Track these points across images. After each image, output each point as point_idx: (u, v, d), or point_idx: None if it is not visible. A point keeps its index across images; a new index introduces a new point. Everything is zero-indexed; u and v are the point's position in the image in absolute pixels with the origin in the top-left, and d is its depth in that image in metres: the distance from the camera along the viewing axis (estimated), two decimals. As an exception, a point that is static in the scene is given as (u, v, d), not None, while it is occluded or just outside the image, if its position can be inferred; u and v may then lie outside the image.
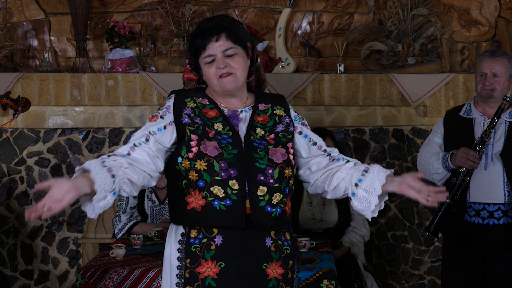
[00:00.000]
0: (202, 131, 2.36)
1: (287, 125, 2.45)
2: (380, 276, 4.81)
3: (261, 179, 2.33)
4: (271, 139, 2.39)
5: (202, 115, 2.40)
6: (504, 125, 3.55)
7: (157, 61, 4.84)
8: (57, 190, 2.15)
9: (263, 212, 2.33)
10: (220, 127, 2.38)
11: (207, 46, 2.38)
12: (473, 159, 3.44)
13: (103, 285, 3.46)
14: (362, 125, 4.81)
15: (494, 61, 3.54)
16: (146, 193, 4.04)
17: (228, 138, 2.36)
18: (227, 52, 2.38)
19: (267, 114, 2.45)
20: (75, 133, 4.72)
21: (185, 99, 2.44)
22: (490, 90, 3.53)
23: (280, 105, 2.51)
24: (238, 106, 2.45)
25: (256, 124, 2.41)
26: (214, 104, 2.43)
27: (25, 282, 4.76)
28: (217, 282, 2.32)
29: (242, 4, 4.95)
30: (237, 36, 2.39)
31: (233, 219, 2.29)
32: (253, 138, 2.38)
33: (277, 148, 2.37)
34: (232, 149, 2.34)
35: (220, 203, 2.30)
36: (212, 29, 2.38)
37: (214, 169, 2.30)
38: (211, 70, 2.38)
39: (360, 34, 4.90)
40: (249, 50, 2.44)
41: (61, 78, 4.60)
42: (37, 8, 4.88)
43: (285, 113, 2.49)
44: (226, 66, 2.36)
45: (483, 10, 5.01)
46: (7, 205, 4.72)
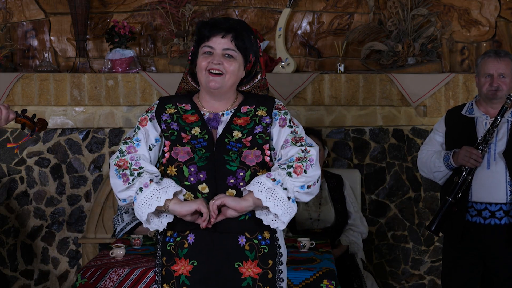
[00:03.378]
0: (176, 136, 2.38)
1: (266, 126, 2.42)
2: (380, 276, 4.81)
3: (231, 181, 2.32)
4: (248, 141, 2.38)
5: (181, 120, 2.42)
6: (507, 124, 3.55)
7: (157, 61, 4.84)
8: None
9: (232, 217, 2.32)
10: (198, 131, 2.39)
11: (211, 38, 2.40)
12: (476, 158, 3.43)
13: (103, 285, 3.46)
14: (362, 125, 4.81)
15: (500, 62, 3.54)
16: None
17: (204, 141, 2.37)
18: (226, 52, 2.39)
19: (248, 116, 2.44)
20: (75, 133, 4.72)
21: (166, 105, 2.47)
22: (497, 91, 3.53)
23: (264, 105, 2.47)
24: (221, 109, 2.46)
25: (234, 126, 2.41)
26: (196, 109, 2.44)
27: (25, 282, 4.76)
28: (190, 280, 2.35)
29: (242, 4, 4.95)
30: (243, 43, 2.41)
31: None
32: (227, 140, 2.37)
33: (251, 150, 2.36)
34: (205, 152, 2.35)
35: None
36: (223, 26, 2.40)
37: (184, 174, 2.32)
38: (204, 62, 2.39)
39: (360, 34, 4.90)
40: (249, 63, 2.45)
41: (61, 78, 4.60)
42: (37, 8, 4.88)
43: (267, 113, 2.46)
44: (220, 63, 2.37)
45: (483, 10, 5.01)
46: (7, 205, 4.72)
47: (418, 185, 4.85)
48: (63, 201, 4.74)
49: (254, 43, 2.45)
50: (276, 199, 2.24)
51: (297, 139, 2.39)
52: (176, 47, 4.73)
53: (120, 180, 2.36)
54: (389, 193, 4.85)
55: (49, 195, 4.73)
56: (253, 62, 2.47)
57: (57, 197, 4.73)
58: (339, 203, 4.16)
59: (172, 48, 4.74)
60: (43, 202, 4.73)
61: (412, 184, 4.85)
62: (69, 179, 4.73)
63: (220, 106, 2.46)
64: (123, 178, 2.35)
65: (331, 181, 4.22)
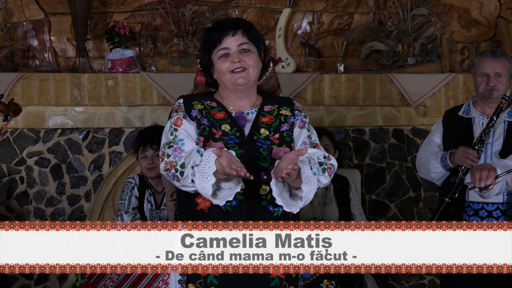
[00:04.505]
0: (209, 132, 2.39)
1: (292, 125, 2.47)
2: (380, 276, 4.81)
3: (264, 177, 2.34)
4: (276, 138, 2.42)
5: (210, 116, 2.43)
6: (503, 125, 3.55)
7: (157, 61, 4.84)
8: (230, 159, 2.20)
9: (266, 212, 2.34)
10: (228, 128, 2.41)
11: (223, 40, 2.41)
12: (472, 158, 3.44)
13: (103, 285, 3.46)
14: (362, 125, 4.81)
15: (496, 62, 3.55)
16: (146, 196, 4.02)
17: (235, 138, 2.39)
18: (242, 47, 2.41)
19: (272, 114, 2.48)
20: (75, 133, 4.72)
21: (192, 102, 2.47)
22: (493, 91, 3.54)
23: (286, 105, 2.52)
24: (246, 108, 2.47)
25: (261, 124, 2.44)
26: (222, 107, 2.46)
27: (25, 282, 4.76)
28: (218, 279, 2.34)
29: (242, 4, 4.95)
30: (253, 35, 2.44)
31: (238, 219, 2.29)
32: (256, 138, 2.40)
33: (281, 147, 2.39)
34: (238, 149, 2.37)
35: (226, 204, 2.32)
36: (230, 24, 2.43)
37: None
38: (224, 65, 2.41)
39: (360, 34, 4.90)
40: (262, 53, 2.48)
41: (61, 78, 4.60)
42: (37, 8, 4.88)
43: (291, 113, 2.50)
44: (241, 61, 2.39)
45: (483, 10, 5.01)
46: (7, 205, 4.72)
47: (418, 185, 4.85)
48: (63, 201, 4.74)
49: (259, 33, 2.50)
50: (309, 187, 2.24)
51: (313, 144, 2.45)
52: (176, 47, 4.73)
53: (175, 181, 2.34)
54: (389, 193, 4.85)
55: (49, 195, 4.73)
56: (264, 51, 2.51)
57: (57, 197, 4.73)
58: (344, 204, 4.16)
59: (172, 48, 4.74)
60: (43, 202, 4.73)
61: (412, 184, 4.86)
62: (69, 179, 4.73)
63: (244, 105, 2.48)
64: (174, 179, 2.33)
65: (337, 182, 4.22)
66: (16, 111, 2.96)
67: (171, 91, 4.57)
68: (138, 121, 4.67)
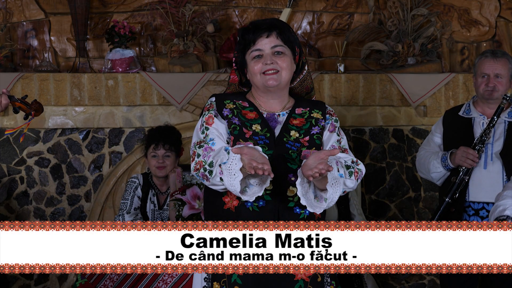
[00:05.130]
0: (239, 131, 2.39)
1: (322, 128, 2.47)
2: (380, 276, 4.81)
3: (292, 179, 2.34)
4: (306, 141, 2.42)
5: (241, 116, 2.44)
6: (504, 125, 3.56)
7: (157, 61, 4.84)
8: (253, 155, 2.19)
9: (292, 213, 2.34)
10: (259, 128, 2.41)
11: (257, 41, 2.42)
12: (473, 158, 3.44)
13: (103, 285, 3.46)
14: (362, 125, 4.81)
15: (496, 62, 3.55)
16: (149, 196, 4.02)
17: (266, 139, 2.39)
18: (275, 49, 2.41)
19: (304, 117, 2.47)
20: (75, 133, 4.72)
21: (224, 101, 2.48)
22: (493, 91, 3.54)
23: (318, 109, 2.51)
24: (277, 109, 2.48)
25: (291, 126, 2.44)
26: (253, 107, 2.47)
27: (25, 282, 4.76)
28: (242, 279, 2.35)
29: (242, 4, 4.95)
30: (287, 37, 2.44)
31: (265, 219, 2.28)
32: (286, 139, 2.40)
33: (310, 150, 2.39)
34: (268, 149, 2.37)
35: (253, 204, 2.34)
36: (264, 25, 2.43)
37: None
38: (256, 66, 2.41)
39: (360, 34, 4.90)
40: (296, 55, 2.48)
41: (61, 78, 4.60)
42: (37, 8, 4.89)
43: (322, 116, 2.49)
44: (273, 63, 2.40)
45: (483, 10, 5.01)
46: (7, 205, 4.72)
47: (418, 185, 4.85)
48: (63, 201, 4.74)
49: (293, 33, 2.49)
50: (334, 189, 2.24)
51: (342, 149, 2.44)
52: (176, 47, 4.73)
53: (204, 181, 2.34)
54: (389, 193, 4.85)
55: (49, 195, 4.73)
56: (299, 54, 2.50)
57: (57, 197, 4.73)
58: (343, 204, 4.15)
59: (172, 48, 4.74)
60: (43, 202, 4.73)
61: (412, 184, 4.86)
62: (69, 179, 4.73)
63: (276, 106, 2.48)
64: (204, 178, 2.33)
65: None
66: (37, 109, 2.97)
67: (171, 91, 4.57)
68: (138, 121, 4.67)
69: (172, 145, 3.92)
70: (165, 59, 4.80)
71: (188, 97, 4.58)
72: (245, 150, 2.18)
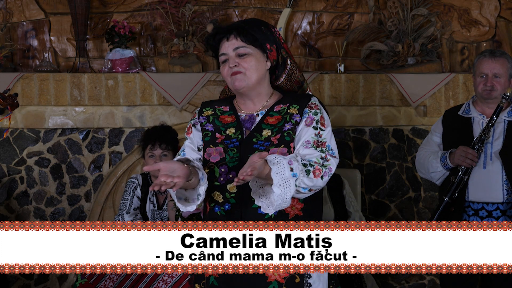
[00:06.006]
0: (210, 137, 2.41)
1: (295, 124, 2.40)
2: (380, 276, 4.81)
3: None
4: (276, 139, 2.38)
5: (217, 121, 2.44)
6: (503, 124, 3.56)
7: (157, 61, 4.84)
8: (170, 169, 2.18)
9: (257, 214, 2.33)
10: (233, 131, 2.41)
11: (220, 46, 2.44)
12: (472, 157, 3.44)
13: (103, 285, 3.46)
14: (362, 125, 4.81)
15: (494, 62, 3.56)
16: (149, 196, 4.02)
17: (236, 141, 2.38)
18: (238, 51, 2.40)
19: (281, 114, 2.44)
20: (75, 133, 4.72)
21: (204, 108, 2.52)
22: (492, 91, 3.54)
23: (297, 103, 2.44)
24: (256, 109, 2.46)
25: (265, 125, 2.41)
26: (234, 111, 2.47)
27: (25, 282, 4.76)
28: (218, 281, 2.37)
29: (242, 4, 4.95)
30: (251, 36, 2.40)
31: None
32: (255, 140, 2.38)
33: (278, 148, 2.36)
34: (236, 152, 2.36)
35: (220, 209, 2.36)
36: (224, 29, 2.44)
37: (214, 175, 2.35)
38: (224, 69, 2.42)
39: (360, 34, 4.90)
40: (270, 52, 2.44)
41: (61, 78, 4.60)
42: (37, 8, 4.89)
43: (298, 111, 2.42)
44: (236, 65, 2.39)
45: (483, 10, 5.01)
46: (7, 205, 4.72)
47: (418, 185, 4.85)
48: (63, 201, 4.74)
49: (267, 32, 2.44)
50: (284, 190, 2.16)
51: (319, 143, 2.35)
52: (176, 47, 4.73)
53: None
54: (389, 193, 4.85)
55: (49, 195, 4.73)
56: (276, 50, 2.46)
57: (57, 197, 4.73)
58: (339, 202, 4.16)
59: (172, 48, 4.74)
60: (43, 202, 4.73)
61: (412, 184, 4.86)
62: (69, 179, 4.73)
63: (253, 106, 2.47)
64: None
65: (330, 181, 4.21)
66: (13, 104, 2.94)
67: (171, 91, 4.57)
68: (138, 121, 4.67)
69: (169, 145, 3.93)
70: (165, 59, 4.80)
71: (188, 97, 4.58)
72: (160, 166, 2.18)
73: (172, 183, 2.14)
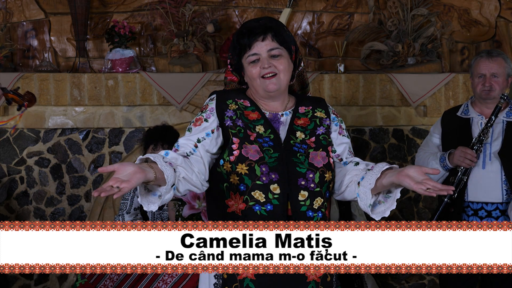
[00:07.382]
0: (244, 134, 2.34)
1: (327, 128, 2.43)
2: (380, 276, 4.81)
3: (302, 183, 2.32)
4: (312, 142, 2.38)
5: (244, 117, 2.39)
6: (502, 124, 3.56)
7: (157, 61, 4.85)
8: (124, 172, 2.12)
9: (305, 217, 2.33)
10: (262, 129, 2.37)
11: (252, 45, 2.37)
12: (471, 157, 3.45)
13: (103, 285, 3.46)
14: (362, 125, 4.81)
15: (492, 62, 3.56)
16: (149, 196, 4.00)
17: (270, 141, 2.35)
18: (272, 52, 2.37)
19: (307, 116, 2.44)
20: (75, 133, 4.72)
21: (226, 101, 2.42)
22: (490, 91, 3.55)
23: (320, 107, 2.48)
24: (279, 109, 2.44)
25: (296, 127, 2.40)
26: (255, 106, 2.42)
27: (25, 282, 4.76)
28: (255, 283, 2.32)
29: (242, 4, 4.95)
30: (283, 38, 2.39)
31: None
32: (293, 142, 2.36)
33: (317, 151, 2.36)
34: (273, 152, 2.33)
35: (261, 208, 2.31)
36: (259, 28, 2.38)
37: (256, 173, 2.29)
38: (254, 70, 2.37)
39: (360, 34, 4.90)
40: (293, 54, 2.44)
41: (61, 78, 4.60)
42: (37, 8, 4.89)
43: (326, 115, 2.46)
44: (271, 66, 2.35)
45: (483, 10, 5.01)
46: (7, 205, 4.73)
47: (418, 185, 4.85)
48: (63, 201, 4.74)
49: (288, 32, 2.44)
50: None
51: (352, 152, 2.50)
52: (176, 47, 4.73)
53: None
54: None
55: (49, 195, 4.73)
56: (295, 51, 2.46)
57: (57, 197, 4.73)
58: (344, 204, 4.16)
59: (172, 48, 4.74)
60: (43, 202, 4.73)
61: (412, 184, 4.85)
62: (69, 179, 4.73)
63: (277, 106, 2.44)
64: None
65: None
66: (30, 100, 2.95)
67: (171, 91, 4.57)
68: (138, 121, 4.67)
69: (171, 145, 3.92)
70: (165, 59, 4.80)
71: (188, 97, 4.58)
72: (115, 167, 2.12)
73: (116, 189, 2.07)
